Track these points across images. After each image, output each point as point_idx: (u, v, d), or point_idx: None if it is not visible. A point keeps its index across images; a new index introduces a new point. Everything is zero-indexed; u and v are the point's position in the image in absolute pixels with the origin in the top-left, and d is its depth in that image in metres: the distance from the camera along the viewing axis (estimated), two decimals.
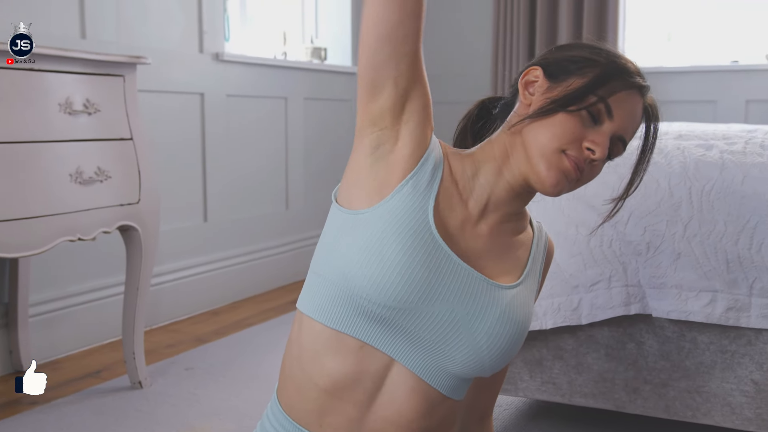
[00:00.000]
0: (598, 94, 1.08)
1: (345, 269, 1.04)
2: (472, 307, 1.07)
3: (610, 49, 1.14)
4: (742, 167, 1.67)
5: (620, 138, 1.11)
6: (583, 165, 1.08)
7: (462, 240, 1.09)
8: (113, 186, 2.06)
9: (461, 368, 1.09)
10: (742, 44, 4.05)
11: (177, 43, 3.03)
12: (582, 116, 1.07)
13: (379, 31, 1.02)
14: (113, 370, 2.39)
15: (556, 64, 1.12)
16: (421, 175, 1.06)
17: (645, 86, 1.13)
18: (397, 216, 1.03)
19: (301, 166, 3.76)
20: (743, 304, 1.61)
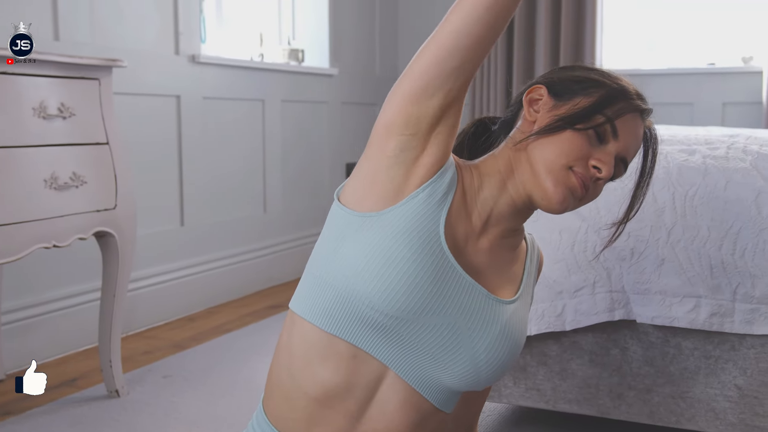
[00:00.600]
0: (605, 114, 1.09)
1: (347, 272, 1.02)
2: (474, 321, 1.07)
3: (612, 72, 1.16)
4: (724, 172, 1.67)
5: (622, 159, 1.13)
6: (588, 183, 1.09)
7: (465, 253, 1.09)
8: (89, 191, 2.02)
9: (457, 381, 1.08)
10: (719, 47, 4.08)
11: (152, 45, 2.99)
12: (588, 135, 1.09)
13: (460, 41, 1.01)
14: (89, 378, 2.35)
15: (560, 84, 1.13)
16: (438, 184, 1.05)
17: (648, 109, 1.16)
18: (409, 223, 1.02)
19: (278, 169, 3.73)
20: (727, 309, 1.61)
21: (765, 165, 1.67)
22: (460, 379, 1.08)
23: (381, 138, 1.04)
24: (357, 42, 4.37)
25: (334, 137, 4.15)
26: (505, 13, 1.01)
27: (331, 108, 4.11)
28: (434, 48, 1.03)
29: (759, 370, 1.62)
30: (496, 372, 1.10)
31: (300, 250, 3.87)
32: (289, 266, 3.78)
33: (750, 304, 1.60)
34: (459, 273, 1.06)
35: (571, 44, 4.07)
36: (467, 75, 1.04)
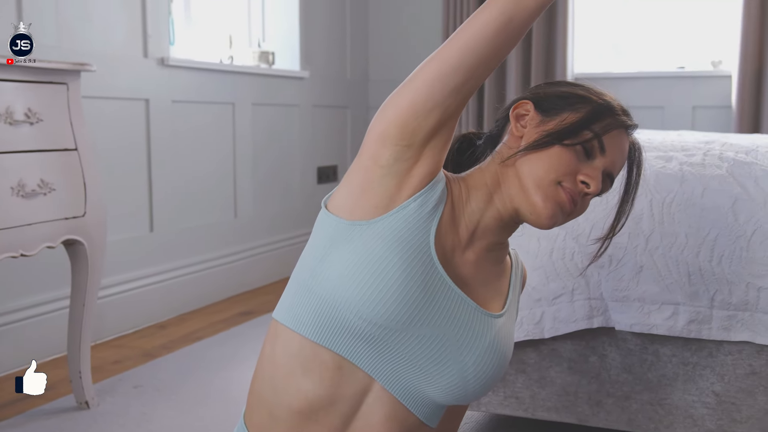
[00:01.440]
0: (593, 129, 1.10)
1: (335, 280, 1.01)
2: (464, 334, 1.07)
3: (597, 88, 1.18)
4: (701, 179, 1.67)
5: (609, 174, 1.13)
6: (577, 197, 1.10)
7: (452, 265, 1.09)
8: (57, 199, 1.97)
9: (444, 395, 1.08)
10: (688, 51, 4.13)
11: (121, 48, 2.93)
12: (576, 151, 1.09)
13: (466, 60, 1.01)
14: (58, 389, 2.29)
15: (546, 99, 1.13)
16: (429, 195, 1.05)
17: (634, 125, 1.17)
18: (400, 232, 1.01)
19: (249, 174, 3.69)
20: (704, 316, 1.62)
21: (741, 172, 1.68)
22: (448, 392, 1.07)
23: (374, 146, 1.03)
24: (328, 44, 4.34)
25: (306, 141, 4.12)
26: (513, 40, 1.03)
27: (302, 111, 4.08)
28: (439, 63, 1.02)
29: (736, 376, 1.63)
30: (483, 386, 1.10)
31: (271, 255, 3.83)
32: (261, 272, 3.74)
33: (727, 310, 1.61)
34: (448, 284, 1.05)
35: (542, 49, 4.09)
36: (468, 93, 1.04)
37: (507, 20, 1.00)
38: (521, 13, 1.01)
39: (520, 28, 1.02)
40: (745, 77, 3.71)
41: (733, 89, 3.77)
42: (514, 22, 1.01)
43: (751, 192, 1.63)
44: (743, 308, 1.60)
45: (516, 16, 1.01)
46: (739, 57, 3.71)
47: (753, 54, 3.70)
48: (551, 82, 1.20)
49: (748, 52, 3.69)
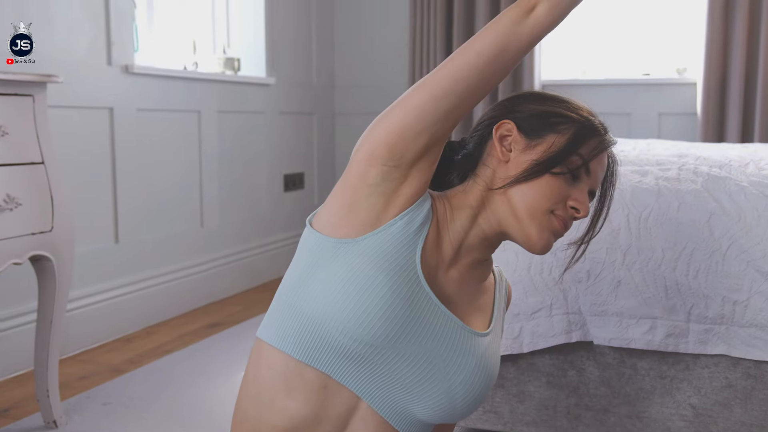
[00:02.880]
0: (580, 155, 1.11)
1: (321, 298, 1.00)
2: (450, 352, 1.07)
3: (573, 101, 1.18)
4: (677, 194, 1.69)
5: (591, 191, 1.16)
6: (569, 222, 1.12)
7: (437, 283, 1.09)
8: (24, 214, 1.92)
9: (431, 413, 1.07)
10: (654, 58, 4.18)
11: (84, 55, 2.87)
12: (565, 177, 1.10)
13: (458, 86, 1.02)
14: (24, 408, 2.23)
15: (528, 121, 1.13)
16: (416, 214, 1.05)
17: (614, 143, 1.18)
18: (386, 250, 1.02)
19: (215, 182, 3.64)
20: (681, 330, 1.63)
21: (715, 187, 1.69)
22: (435, 411, 1.07)
23: (362, 165, 1.03)
24: (294, 50, 4.31)
25: (272, 148, 4.08)
26: (503, 71, 1.04)
27: (268, 118, 4.04)
28: (431, 88, 1.03)
29: (713, 389, 1.65)
30: (470, 405, 1.10)
31: (239, 264, 3.79)
32: (228, 282, 3.69)
33: (704, 324, 1.63)
34: (435, 303, 1.06)
35: None
36: (457, 119, 1.05)
37: (500, 51, 1.02)
38: (514, 45, 1.02)
39: (512, 59, 1.03)
40: (710, 85, 3.76)
41: (698, 97, 3.82)
42: (507, 54, 1.02)
43: (726, 207, 1.65)
44: (719, 322, 1.62)
45: (509, 47, 1.02)
46: (704, 65, 3.77)
47: (717, 62, 3.76)
48: (526, 95, 1.19)
49: (712, 60, 3.75)
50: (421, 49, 4.27)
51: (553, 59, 4.32)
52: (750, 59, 3.74)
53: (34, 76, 1.95)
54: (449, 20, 4.23)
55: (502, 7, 4.06)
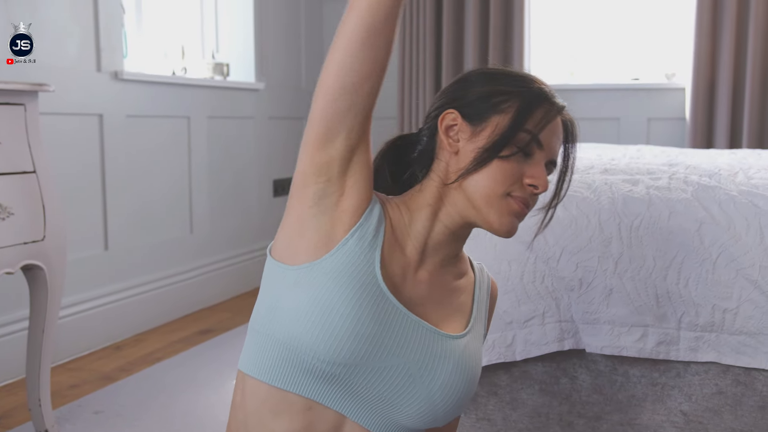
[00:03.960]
0: (527, 130, 1.07)
1: (289, 326, 1.00)
2: (425, 360, 1.05)
3: (515, 72, 1.13)
4: (667, 203, 1.71)
5: (550, 161, 1.11)
6: (529, 200, 1.08)
7: (405, 289, 1.07)
8: (16, 223, 1.91)
9: (415, 421, 1.07)
10: (643, 63, 4.21)
11: (73, 62, 2.86)
12: (516, 157, 1.06)
13: (345, 80, 0.98)
14: (15, 417, 2.22)
15: (470, 106, 1.09)
16: (366, 226, 1.03)
17: (563, 106, 1.12)
18: (344, 269, 1.00)
19: (205, 188, 3.63)
20: (672, 337, 1.65)
21: (705, 196, 1.71)
22: (418, 418, 1.07)
23: (299, 189, 1.03)
24: (283, 55, 4.31)
25: (262, 153, 4.08)
26: (383, 44, 0.99)
27: (257, 123, 4.04)
28: (323, 92, 1.00)
29: (703, 396, 1.66)
30: (453, 408, 1.09)
31: (229, 270, 3.79)
32: (218, 288, 3.69)
33: (694, 332, 1.64)
34: (402, 312, 1.04)
35: (499, 61, 4.12)
36: (364, 111, 1.01)
37: (367, 28, 0.97)
38: (378, 16, 0.97)
39: (384, 30, 0.98)
40: (699, 90, 3.79)
41: (687, 102, 3.85)
42: (376, 27, 0.97)
43: (716, 216, 1.67)
44: (709, 329, 1.64)
45: (374, 21, 0.97)
46: (693, 70, 3.80)
47: (706, 67, 3.79)
48: (466, 78, 1.14)
49: (700, 65, 3.78)
50: (410, 52, 4.28)
51: (542, 64, 4.34)
52: (738, 64, 3.78)
53: (25, 85, 1.95)
54: (438, 25, 4.24)
55: (491, 8, 4.08)
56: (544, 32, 4.34)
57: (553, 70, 4.36)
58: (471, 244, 1.76)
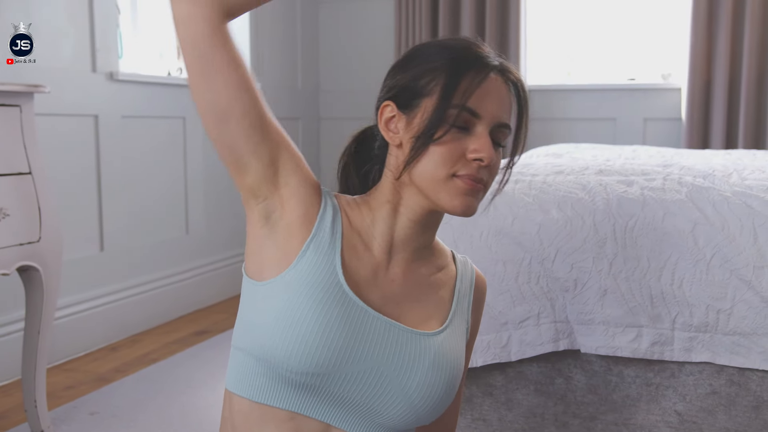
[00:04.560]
0: (454, 104, 1.01)
1: (262, 342, 1.00)
2: (399, 360, 1.04)
3: (442, 43, 1.07)
4: (662, 204, 1.71)
5: (498, 126, 1.04)
6: (478, 174, 1.02)
7: (376, 289, 1.06)
8: (12, 225, 1.91)
9: (398, 422, 1.06)
10: (639, 63, 4.22)
11: (68, 62, 2.86)
12: (451, 135, 1.01)
13: (214, 116, 0.98)
14: (10, 418, 2.22)
15: (401, 92, 1.05)
16: (320, 234, 1.03)
17: (496, 65, 1.05)
18: (306, 280, 1.00)
19: (201, 189, 3.63)
20: (667, 338, 1.66)
21: (699, 197, 1.72)
22: (400, 420, 1.05)
23: (247, 212, 1.04)
24: (278, 55, 4.31)
25: None
26: (223, 68, 0.97)
27: None
28: (207, 131, 1.01)
29: (697, 396, 1.67)
30: (436, 406, 1.07)
31: (225, 271, 3.78)
32: (214, 289, 3.69)
33: (688, 332, 1.65)
34: (371, 314, 1.03)
35: None
36: (256, 128, 0.99)
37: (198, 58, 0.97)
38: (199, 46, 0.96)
39: (215, 55, 0.97)
40: (695, 90, 3.80)
41: (683, 102, 3.86)
42: (205, 56, 0.96)
43: (710, 217, 1.68)
44: (704, 330, 1.64)
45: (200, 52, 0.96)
46: (689, 70, 3.81)
47: (702, 67, 3.80)
48: (396, 65, 1.10)
49: (696, 66, 3.79)
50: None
51: (539, 64, 4.35)
52: (734, 65, 3.79)
53: (21, 86, 1.95)
54: (434, 25, 4.25)
55: (487, 10, 4.09)
56: (541, 33, 4.35)
57: (549, 71, 4.37)
58: (465, 246, 1.76)
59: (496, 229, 1.75)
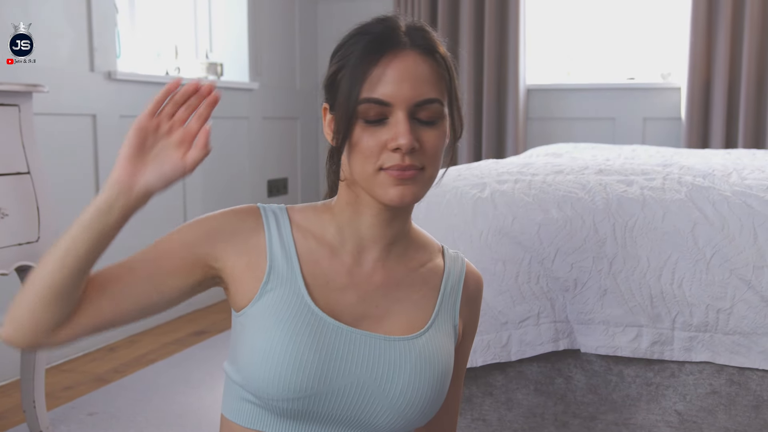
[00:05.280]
0: (357, 98, 0.96)
1: (244, 372, 1.00)
2: (379, 370, 1.02)
3: (358, 29, 1.02)
4: (662, 204, 1.71)
5: (417, 105, 0.97)
6: (406, 164, 0.97)
7: (354, 294, 1.04)
8: (10, 224, 1.91)
9: (390, 429, 1.04)
10: (638, 62, 4.21)
11: (66, 62, 2.86)
12: (363, 127, 0.97)
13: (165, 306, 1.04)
14: (9, 419, 2.22)
15: (327, 92, 1.02)
16: (275, 262, 1.02)
17: (402, 44, 0.98)
18: (272, 310, 1.00)
19: (199, 190, 3.63)
20: (667, 337, 1.65)
21: (699, 196, 1.72)
22: (391, 426, 1.04)
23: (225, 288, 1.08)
24: (277, 55, 4.30)
25: (256, 153, 4.07)
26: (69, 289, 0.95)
27: (251, 123, 4.03)
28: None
29: (698, 396, 1.67)
30: (426, 408, 1.05)
31: None
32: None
33: (688, 332, 1.65)
34: (343, 330, 1.01)
35: (494, 62, 4.13)
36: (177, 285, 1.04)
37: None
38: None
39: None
40: (694, 90, 3.80)
41: (683, 101, 3.86)
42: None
43: (710, 216, 1.68)
44: (704, 329, 1.64)
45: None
46: (688, 69, 3.81)
47: (701, 67, 3.80)
48: (330, 58, 1.06)
49: (696, 65, 3.79)
50: None
51: (538, 64, 4.35)
52: (733, 64, 3.79)
53: (19, 85, 1.95)
54: (433, 24, 4.25)
55: (485, 11, 4.09)
56: (540, 32, 4.34)
57: (549, 70, 4.37)
58: (465, 245, 1.76)
59: (496, 229, 1.75)
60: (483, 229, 1.76)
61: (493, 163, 2.24)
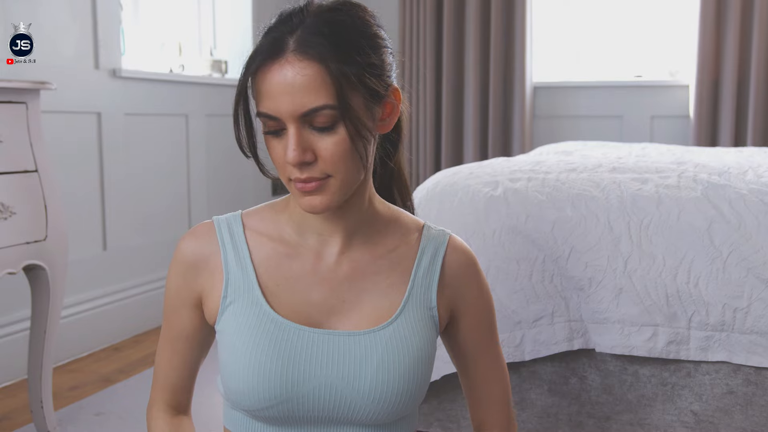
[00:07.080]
0: (257, 113, 0.96)
1: (223, 384, 1.05)
2: (345, 368, 1.00)
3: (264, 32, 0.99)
4: (677, 202, 1.69)
5: (306, 115, 0.92)
6: (304, 177, 0.94)
7: (317, 296, 1.03)
8: (18, 223, 1.89)
9: (370, 423, 1.03)
10: (646, 60, 4.19)
11: (71, 59, 2.84)
12: (269, 138, 0.96)
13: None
14: (16, 419, 2.20)
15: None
16: (231, 278, 1.04)
17: (282, 51, 0.93)
18: (235, 320, 1.02)
19: (204, 187, 3.61)
20: (683, 337, 1.64)
21: (715, 194, 1.70)
22: (374, 417, 1.02)
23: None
24: None
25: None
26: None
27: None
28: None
29: (714, 396, 1.65)
30: (403, 398, 1.02)
31: None
32: None
33: (705, 331, 1.63)
34: (305, 332, 1.01)
35: (501, 59, 4.11)
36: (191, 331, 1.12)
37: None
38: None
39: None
40: (702, 87, 3.78)
41: (691, 99, 3.83)
42: None
43: (726, 214, 1.66)
44: (720, 329, 1.62)
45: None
46: (696, 67, 3.79)
47: (710, 64, 3.78)
48: None
49: (704, 63, 3.77)
50: (410, 51, 4.26)
51: (545, 61, 4.33)
52: (742, 62, 3.77)
53: (27, 83, 1.93)
54: (439, 24, 4.23)
55: (492, 8, 4.07)
56: (547, 30, 4.32)
57: (556, 68, 4.35)
58: (478, 243, 1.74)
59: (510, 227, 1.73)
60: (496, 228, 1.74)
61: (505, 161, 2.22)
